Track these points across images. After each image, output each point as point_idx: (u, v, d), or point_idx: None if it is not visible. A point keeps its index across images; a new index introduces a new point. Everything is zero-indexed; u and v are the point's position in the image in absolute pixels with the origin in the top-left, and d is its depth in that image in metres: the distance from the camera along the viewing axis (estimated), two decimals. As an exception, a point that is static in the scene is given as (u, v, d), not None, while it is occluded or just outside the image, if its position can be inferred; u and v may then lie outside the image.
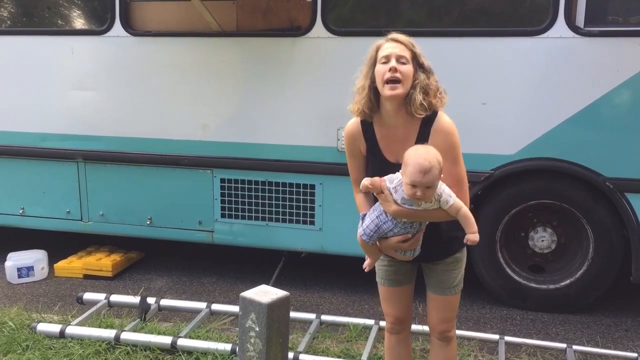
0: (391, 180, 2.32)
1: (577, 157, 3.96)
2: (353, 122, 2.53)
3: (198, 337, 3.57)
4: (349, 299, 4.52)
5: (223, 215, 4.64)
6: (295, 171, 4.38)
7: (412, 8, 4.34)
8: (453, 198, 2.28)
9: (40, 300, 4.45)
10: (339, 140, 4.27)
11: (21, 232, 5.30)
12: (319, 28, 4.15)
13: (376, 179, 2.34)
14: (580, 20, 3.87)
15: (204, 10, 4.18)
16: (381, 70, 2.31)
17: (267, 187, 4.51)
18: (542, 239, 4.29)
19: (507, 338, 3.58)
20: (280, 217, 4.52)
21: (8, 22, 5.10)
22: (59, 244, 5.29)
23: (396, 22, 4.27)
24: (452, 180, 2.32)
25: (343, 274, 4.92)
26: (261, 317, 2.53)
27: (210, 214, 4.66)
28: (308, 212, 4.46)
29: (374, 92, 2.38)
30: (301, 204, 4.47)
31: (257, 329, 2.56)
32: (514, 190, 4.14)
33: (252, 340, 2.57)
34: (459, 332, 3.69)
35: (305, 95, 4.28)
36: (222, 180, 4.58)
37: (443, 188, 2.28)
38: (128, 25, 4.51)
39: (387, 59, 2.31)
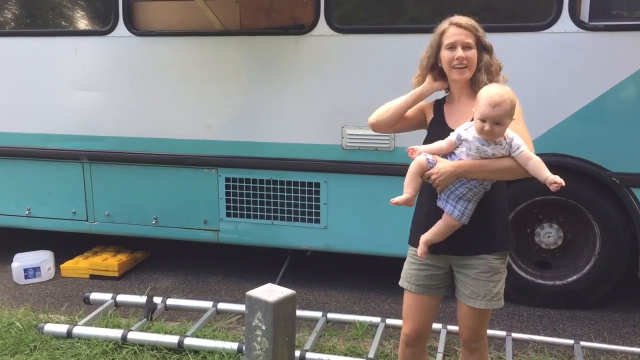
0: (461, 127, 2.30)
1: (583, 153, 3.94)
2: None
3: (205, 336, 3.58)
4: (355, 297, 4.52)
5: (228, 215, 4.64)
6: (300, 169, 4.38)
7: (416, 5, 4.32)
8: (524, 147, 2.20)
9: (47, 301, 4.46)
10: (343, 138, 4.26)
11: (27, 233, 5.31)
12: (322, 26, 4.14)
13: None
14: (585, 15, 3.85)
15: (207, 9, 4.18)
16: (448, 56, 2.37)
17: (272, 186, 4.50)
18: (549, 235, 4.27)
19: (514, 334, 3.57)
20: (286, 215, 4.51)
21: (12, 23, 5.11)
22: (65, 245, 5.31)
23: (399, 19, 4.27)
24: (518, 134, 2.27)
25: (349, 272, 4.92)
26: (267, 316, 2.53)
27: (216, 213, 4.66)
28: (313, 210, 4.45)
29: (439, 72, 2.46)
30: (306, 202, 4.47)
31: (264, 327, 2.56)
32: (520, 186, 4.08)
33: (258, 339, 2.57)
34: (465, 329, 3.69)
35: (309, 93, 4.27)
36: (227, 180, 4.59)
37: (514, 135, 2.23)
38: (131, 25, 4.51)
39: (453, 45, 2.37)
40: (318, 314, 3.79)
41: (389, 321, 3.71)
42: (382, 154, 4.21)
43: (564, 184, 2.13)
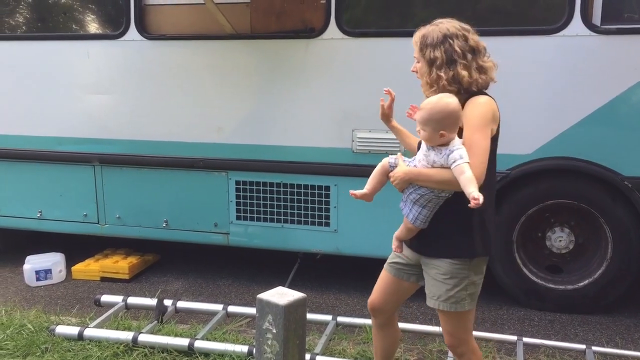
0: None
1: (595, 156, 3.92)
2: None
3: (215, 339, 3.58)
4: (364, 301, 4.45)
5: (238, 217, 4.65)
6: (310, 173, 4.38)
7: (426, 8, 4.32)
8: (463, 160, 2.21)
9: (58, 303, 4.49)
10: (353, 141, 4.26)
11: (39, 235, 5.35)
12: (332, 29, 4.15)
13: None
14: (597, 18, 3.83)
15: (218, 13, 4.19)
16: None
17: (282, 189, 4.51)
18: (560, 239, 4.25)
19: (526, 339, 3.55)
20: (296, 218, 4.52)
21: (25, 27, 5.15)
22: (76, 247, 5.33)
23: (410, 22, 4.26)
24: (465, 145, 2.27)
25: (358, 276, 4.91)
26: (278, 319, 2.53)
27: (226, 216, 4.67)
28: (323, 213, 4.45)
29: None
30: (316, 206, 4.47)
31: (274, 330, 2.55)
32: (531, 190, 4.11)
33: (269, 342, 2.57)
34: (476, 333, 3.66)
35: (319, 96, 4.28)
36: (237, 183, 4.60)
37: (458, 148, 2.25)
38: (143, 29, 4.54)
39: None
40: (328, 318, 3.79)
41: (400, 325, 3.69)
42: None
43: (480, 202, 2.11)
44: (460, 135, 2.31)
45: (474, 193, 2.13)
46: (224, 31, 4.41)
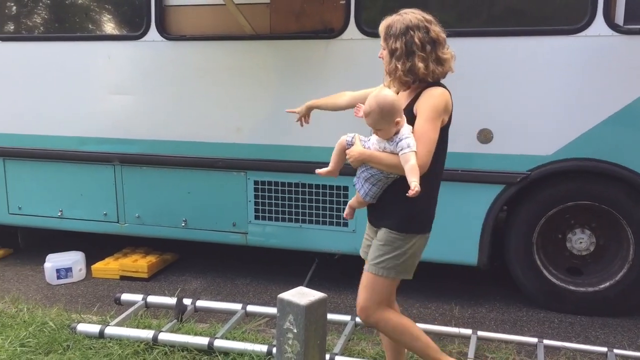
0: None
1: (617, 157, 3.88)
2: None
3: (234, 338, 3.59)
4: (383, 301, 4.49)
5: (257, 217, 4.67)
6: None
7: (445, 8, 4.30)
8: (410, 149, 2.41)
9: (78, 301, 4.53)
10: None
11: (59, 234, 5.40)
12: (352, 30, 4.15)
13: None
14: (619, 18, 3.80)
15: (238, 13, 4.21)
16: None
17: (300, 189, 4.52)
18: (581, 241, 4.21)
19: (546, 341, 3.52)
20: (314, 218, 4.53)
21: (47, 29, 5.21)
22: (96, 246, 5.38)
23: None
24: (415, 134, 2.46)
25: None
26: (299, 319, 2.54)
27: (244, 215, 4.69)
28: (342, 213, 4.44)
29: None
30: (334, 206, 4.48)
31: (295, 330, 2.56)
32: (552, 191, 4.08)
33: (289, 342, 2.58)
34: (496, 335, 3.66)
35: (338, 97, 4.27)
36: (256, 183, 4.61)
37: (407, 137, 2.44)
38: (163, 30, 4.57)
39: None
40: (347, 318, 3.79)
41: (418, 325, 3.68)
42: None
43: (417, 193, 2.33)
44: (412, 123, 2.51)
45: (414, 184, 2.35)
46: (243, 32, 4.43)
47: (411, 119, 2.51)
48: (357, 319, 3.79)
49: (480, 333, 3.59)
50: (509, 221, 4.28)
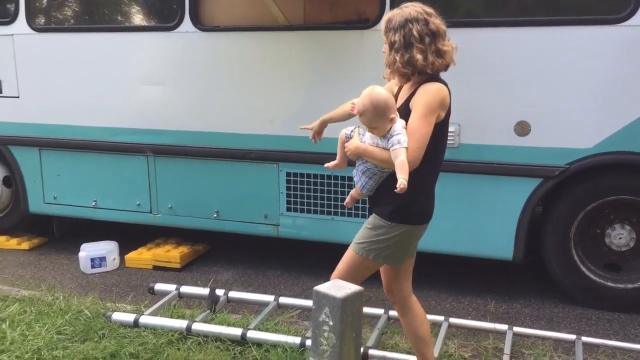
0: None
1: (660, 151, 3.77)
2: None
3: (267, 330, 3.60)
4: (415, 295, 4.44)
5: (288, 209, 4.65)
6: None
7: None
8: (400, 145, 2.43)
9: (112, 290, 4.58)
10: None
11: (92, 223, 5.46)
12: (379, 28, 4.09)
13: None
14: (664, 6, 3.67)
15: (272, 3, 4.19)
16: None
17: (332, 181, 4.49)
18: (620, 237, 4.11)
19: (585, 338, 3.45)
20: (346, 210, 4.49)
21: (81, 19, 5.26)
22: (128, 235, 5.43)
23: (455, 13, 4.17)
24: (408, 129, 2.49)
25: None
26: (335, 312, 2.51)
27: (276, 207, 4.68)
28: (375, 206, 4.41)
29: None
30: (366, 198, 4.42)
31: (331, 323, 2.54)
32: (591, 185, 3.98)
33: (325, 335, 2.56)
34: (533, 331, 3.61)
35: (373, 88, 4.23)
36: (288, 174, 4.60)
37: (399, 133, 2.46)
38: (197, 21, 4.57)
39: None
40: (380, 311, 3.76)
41: (453, 320, 3.65)
42: (447, 150, 4.11)
43: (402, 191, 2.36)
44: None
45: (401, 180, 2.37)
46: (277, 22, 4.41)
47: (408, 114, 2.53)
48: (391, 312, 3.76)
49: (516, 329, 3.53)
50: (545, 215, 4.20)
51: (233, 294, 4.05)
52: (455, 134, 4.07)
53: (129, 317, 3.69)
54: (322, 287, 2.59)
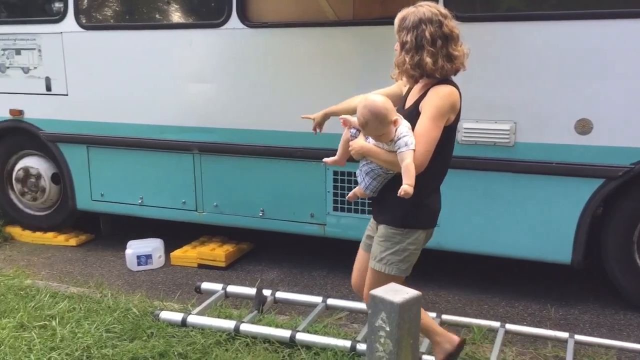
0: None
1: None
2: None
3: (315, 332, 3.51)
4: (466, 298, 4.32)
5: (335, 209, 4.56)
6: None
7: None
8: (407, 148, 2.40)
9: (159, 288, 4.57)
10: (458, 132, 4.04)
11: (136, 220, 5.46)
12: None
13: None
14: None
15: (322, -1, 4.10)
16: None
17: (382, 180, 4.38)
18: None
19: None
20: (395, 211, 4.37)
21: (129, 17, 5.27)
22: (172, 232, 5.43)
23: (522, 4, 4.02)
24: (416, 132, 2.45)
25: (460, 272, 4.72)
26: (392, 317, 2.41)
27: (323, 206, 4.60)
28: (424, 206, 4.28)
29: None
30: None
31: (388, 328, 2.44)
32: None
33: (381, 340, 2.46)
34: (596, 339, 3.43)
35: (424, 85, 4.10)
36: (335, 173, 4.51)
37: (405, 135, 2.43)
38: (244, 17, 4.51)
39: None
40: (432, 315, 3.63)
41: (510, 326, 3.50)
42: (501, 149, 3.98)
43: (408, 196, 2.35)
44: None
45: (405, 186, 2.36)
46: (326, 18, 4.32)
47: (416, 116, 2.50)
48: (443, 316, 3.64)
49: (577, 337, 3.36)
50: (606, 218, 4.01)
51: (280, 294, 3.98)
52: (510, 132, 3.92)
53: (177, 317, 3.66)
54: (379, 291, 2.49)
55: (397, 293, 2.47)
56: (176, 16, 5.12)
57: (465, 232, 4.21)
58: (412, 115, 2.52)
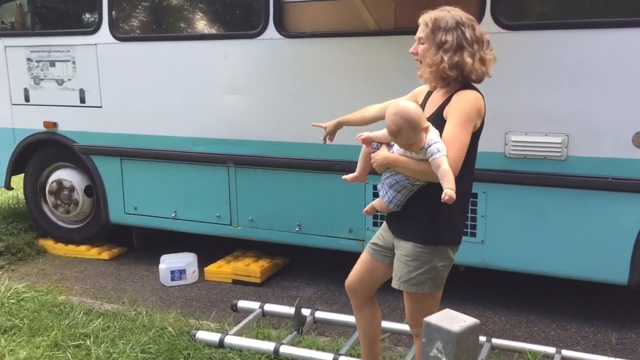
0: None
1: None
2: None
3: (358, 356, 3.35)
4: (514, 320, 4.12)
5: (375, 224, 4.41)
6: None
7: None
8: (440, 154, 2.31)
9: (193, 305, 4.46)
10: (506, 145, 3.89)
11: (167, 233, 5.36)
12: (487, 23, 3.79)
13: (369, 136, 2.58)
14: None
15: (363, 8, 3.97)
16: None
17: (423, 195, 4.21)
18: None
19: None
20: (438, 227, 4.20)
21: (163, 28, 5.21)
22: (203, 245, 5.32)
23: (573, 13, 3.84)
24: (445, 138, 2.37)
25: (506, 292, 4.52)
26: (449, 347, 2.24)
27: (362, 222, 4.44)
28: (469, 222, 4.10)
29: None
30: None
31: (444, 359, 2.28)
32: None
33: (437, 371, 2.30)
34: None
35: (470, 96, 3.93)
36: (375, 187, 4.33)
37: (436, 141, 2.34)
38: (281, 28, 4.40)
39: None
40: (481, 339, 3.45)
41: (566, 353, 3.32)
42: (552, 163, 3.79)
43: (452, 200, 2.24)
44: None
45: (449, 190, 2.25)
46: (366, 28, 4.18)
47: (441, 123, 2.43)
48: (494, 340, 3.46)
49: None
50: (665, 236, 3.78)
51: (320, 314, 3.84)
52: (562, 145, 3.73)
53: (214, 337, 3.54)
54: (434, 319, 2.33)
55: (454, 321, 2.32)
56: (211, 27, 5.03)
57: (512, 250, 4.02)
58: (437, 122, 2.45)
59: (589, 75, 3.64)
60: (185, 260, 4.94)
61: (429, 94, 2.66)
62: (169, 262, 4.90)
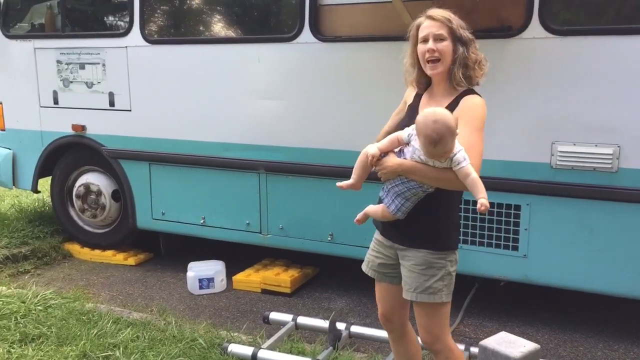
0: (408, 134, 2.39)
1: None
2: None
3: (397, 374, 3.20)
4: (557, 338, 3.94)
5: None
6: (498, 189, 3.86)
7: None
8: (467, 161, 2.25)
9: (223, 315, 4.34)
10: (553, 155, 3.73)
11: (193, 239, 5.26)
12: (535, 27, 3.64)
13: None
14: None
15: (404, 11, 3.82)
16: (422, 50, 2.44)
17: (463, 206, 4.04)
18: None
19: None
20: (477, 239, 4.05)
21: (195, 31, 5.11)
22: (230, 252, 5.20)
23: (631, 16, 3.66)
24: (464, 145, 2.29)
25: (547, 308, 4.34)
26: (508, 373, 2.11)
27: (397, 232, 4.29)
28: (511, 235, 3.95)
29: (420, 69, 2.51)
30: (502, 227, 3.97)
31: (503, 386, 2.13)
32: None
33: (494, 399, 2.15)
34: None
35: (515, 103, 3.78)
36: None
37: (460, 149, 2.27)
38: (317, 31, 4.27)
39: (426, 38, 2.42)
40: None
41: (618, 377, 3.12)
42: (602, 175, 3.61)
43: (484, 209, 2.20)
44: None
45: (483, 200, 2.22)
46: (405, 31, 4.03)
47: None
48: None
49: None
50: None
51: (355, 328, 3.70)
52: (613, 156, 3.56)
53: (247, 351, 3.41)
54: (491, 343, 2.20)
55: (513, 345, 2.18)
56: (244, 30, 4.92)
57: (557, 265, 3.85)
58: None
59: (642, 83, 3.47)
60: (213, 268, 4.82)
61: (417, 96, 2.60)
62: (197, 270, 4.79)
